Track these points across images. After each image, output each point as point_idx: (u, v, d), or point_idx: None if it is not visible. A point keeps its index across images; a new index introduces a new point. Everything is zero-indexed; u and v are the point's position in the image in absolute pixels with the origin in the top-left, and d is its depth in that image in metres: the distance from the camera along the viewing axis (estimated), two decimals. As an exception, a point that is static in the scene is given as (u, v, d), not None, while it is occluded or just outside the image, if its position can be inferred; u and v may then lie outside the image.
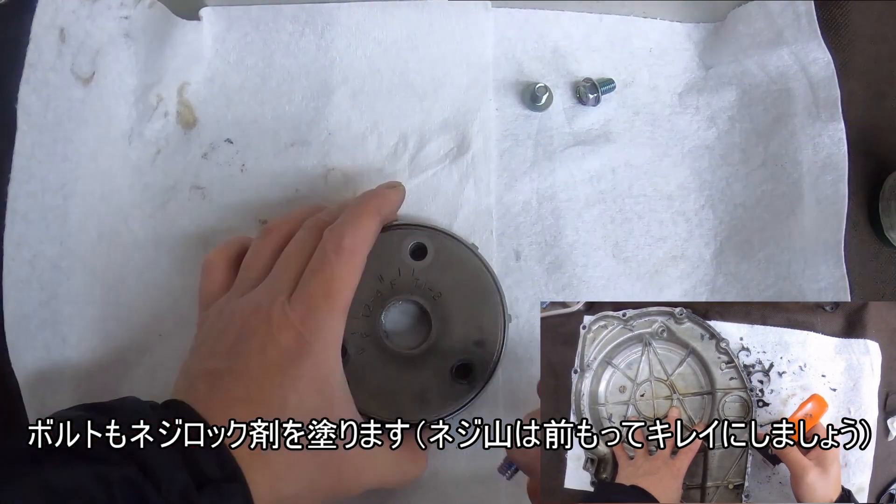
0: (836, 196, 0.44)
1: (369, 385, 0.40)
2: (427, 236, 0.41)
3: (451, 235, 0.42)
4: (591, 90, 0.48)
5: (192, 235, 0.45)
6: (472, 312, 0.41)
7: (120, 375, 0.43)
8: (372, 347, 0.40)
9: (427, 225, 0.42)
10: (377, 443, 0.36)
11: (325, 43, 0.48)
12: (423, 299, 0.41)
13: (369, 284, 0.40)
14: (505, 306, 0.41)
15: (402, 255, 0.41)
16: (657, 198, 0.47)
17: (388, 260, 0.41)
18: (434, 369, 0.41)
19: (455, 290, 0.41)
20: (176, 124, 0.47)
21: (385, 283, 0.41)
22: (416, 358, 0.41)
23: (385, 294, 0.41)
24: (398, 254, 0.41)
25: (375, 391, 0.40)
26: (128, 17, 0.46)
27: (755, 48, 0.47)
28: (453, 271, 0.41)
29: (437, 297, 0.41)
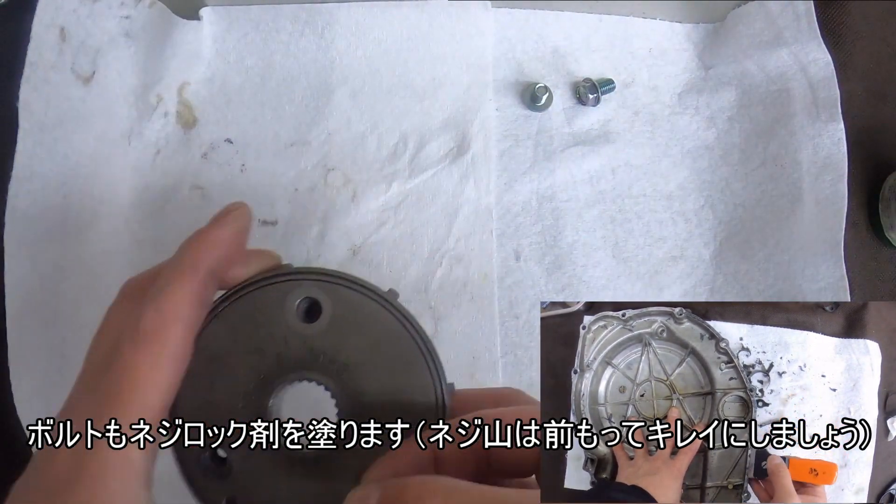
0: (836, 196, 0.45)
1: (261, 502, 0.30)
2: (320, 289, 0.30)
3: (354, 282, 0.30)
4: (591, 90, 0.48)
5: (192, 235, 0.45)
6: (395, 386, 0.30)
7: (120, 375, 0.43)
8: (261, 452, 0.29)
9: (319, 271, 0.30)
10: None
11: (325, 43, 0.48)
12: (323, 376, 0.30)
13: (247, 364, 0.29)
14: (440, 372, 0.30)
15: (289, 318, 0.30)
16: (657, 198, 0.47)
17: (270, 326, 0.30)
18: (351, 470, 0.29)
19: (367, 357, 0.30)
20: (176, 124, 0.47)
21: (268, 359, 0.30)
22: (324, 458, 0.30)
23: (270, 375, 0.30)
24: (282, 316, 0.30)
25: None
26: (128, 16, 0.46)
27: (755, 48, 0.47)
28: (361, 332, 0.30)
29: (343, 370, 0.30)
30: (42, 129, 0.44)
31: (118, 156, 0.46)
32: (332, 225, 0.46)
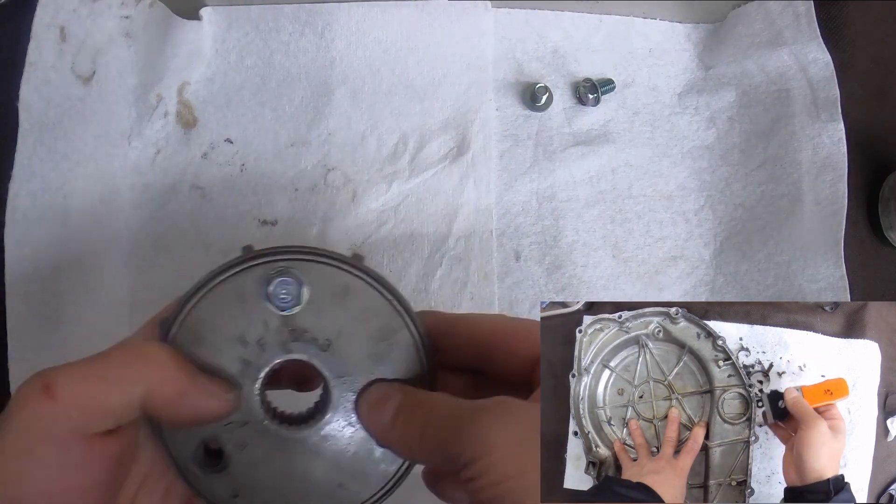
0: (836, 196, 0.45)
1: (265, 489, 0.30)
2: (292, 268, 0.30)
3: (320, 254, 0.30)
4: (591, 90, 0.48)
5: (192, 235, 0.45)
6: (379, 351, 0.31)
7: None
8: (256, 439, 0.30)
9: (283, 249, 0.30)
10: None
11: (325, 43, 0.48)
12: (307, 355, 0.30)
13: (231, 354, 0.30)
14: (420, 331, 0.31)
15: (264, 302, 0.30)
16: (657, 198, 0.47)
17: (247, 312, 0.30)
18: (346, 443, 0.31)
19: (349, 331, 0.30)
20: (176, 124, 0.47)
21: (250, 346, 0.30)
22: (318, 435, 0.31)
23: (255, 362, 0.30)
24: (258, 301, 0.29)
25: (276, 495, 0.30)
26: (128, 16, 0.46)
27: (755, 49, 0.47)
28: (341, 306, 0.30)
29: (327, 346, 0.30)
30: (42, 128, 0.44)
31: (118, 156, 0.46)
32: (332, 225, 0.46)
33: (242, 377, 0.30)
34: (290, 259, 0.30)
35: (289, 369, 0.31)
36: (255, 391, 0.30)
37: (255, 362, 0.30)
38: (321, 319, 0.30)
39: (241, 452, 0.30)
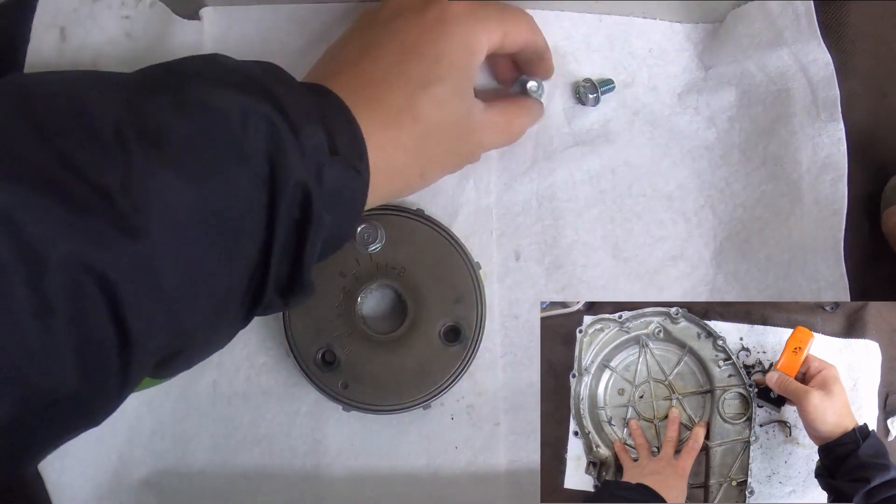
0: (836, 196, 0.44)
1: (366, 379, 0.42)
2: (372, 220, 0.43)
3: (393, 208, 0.43)
4: (591, 90, 0.48)
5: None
6: (440, 274, 0.43)
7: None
8: (357, 343, 0.42)
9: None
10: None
11: (325, 43, 0.47)
12: (389, 280, 0.43)
13: (334, 283, 0.42)
14: (468, 255, 0.43)
15: (356, 246, 0.42)
16: (657, 198, 0.47)
17: (344, 255, 0.42)
18: (424, 341, 0.42)
19: (416, 259, 0.43)
20: (176, 124, 0.47)
21: (348, 277, 0.42)
22: (402, 337, 0.42)
23: (352, 288, 0.42)
24: (351, 246, 0.42)
25: (374, 383, 0.42)
26: (128, 16, 0.46)
27: (755, 48, 0.47)
28: (408, 243, 0.43)
29: (402, 272, 0.43)
30: (42, 129, 0.44)
31: (118, 156, 0.46)
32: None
33: (345, 300, 0.42)
34: (370, 213, 0.42)
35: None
36: (356, 310, 0.42)
37: (353, 288, 0.42)
38: (395, 253, 0.43)
39: (348, 354, 0.42)
